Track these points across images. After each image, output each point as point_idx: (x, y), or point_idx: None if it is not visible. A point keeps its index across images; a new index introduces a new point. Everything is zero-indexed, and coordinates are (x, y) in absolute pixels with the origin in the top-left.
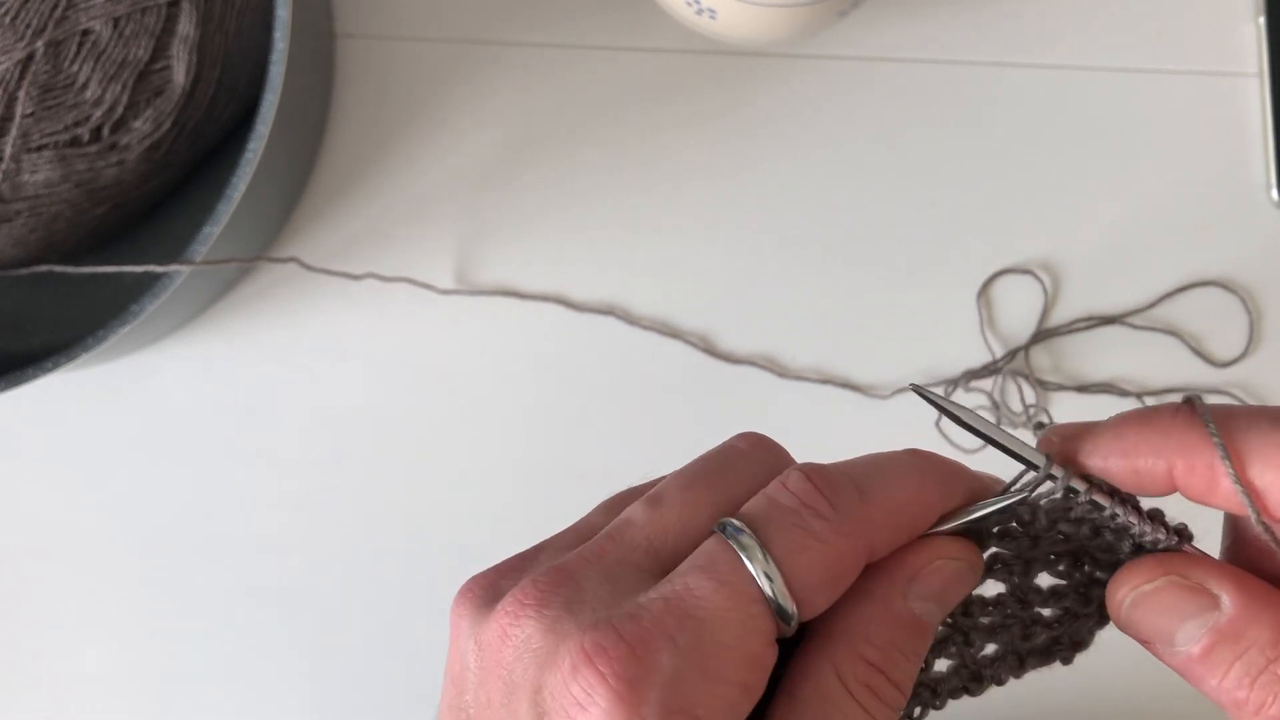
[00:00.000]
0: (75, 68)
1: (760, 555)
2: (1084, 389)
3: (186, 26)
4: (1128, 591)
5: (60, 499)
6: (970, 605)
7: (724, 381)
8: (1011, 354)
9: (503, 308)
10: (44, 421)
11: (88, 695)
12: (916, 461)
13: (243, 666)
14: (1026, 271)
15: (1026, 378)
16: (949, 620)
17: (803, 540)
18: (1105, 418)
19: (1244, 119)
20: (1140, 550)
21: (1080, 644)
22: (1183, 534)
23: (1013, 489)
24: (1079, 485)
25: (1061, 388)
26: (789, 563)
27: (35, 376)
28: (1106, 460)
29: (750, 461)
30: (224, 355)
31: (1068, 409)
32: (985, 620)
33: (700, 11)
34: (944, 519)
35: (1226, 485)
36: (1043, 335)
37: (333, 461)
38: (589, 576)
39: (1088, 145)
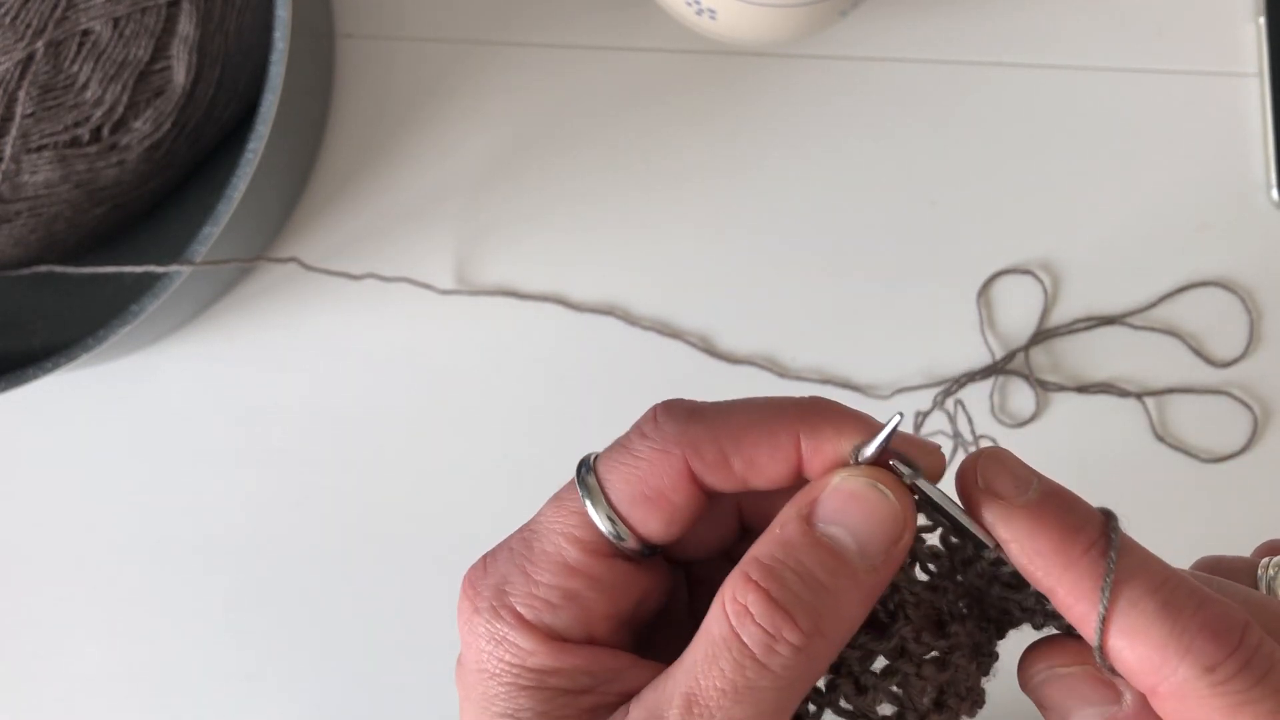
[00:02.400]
0: (75, 68)
1: (590, 478)
2: (1084, 389)
3: (186, 26)
4: (1043, 668)
5: (60, 499)
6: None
7: (724, 381)
8: (1011, 355)
9: (503, 308)
10: (44, 421)
11: (88, 695)
12: (777, 398)
13: (243, 666)
14: (1026, 271)
15: (1026, 378)
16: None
17: (620, 458)
18: (1037, 480)
19: (1244, 119)
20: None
21: (979, 699)
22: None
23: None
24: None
25: (1061, 388)
26: (605, 479)
27: (35, 376)
28: (1008, 542)
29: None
30: (224, 355)
31: (1069, 409)
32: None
33: (700, 11)
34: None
35: (1089, 634)
36: (1043, 335)
37: (333, 461)
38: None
39: (1087, 145)
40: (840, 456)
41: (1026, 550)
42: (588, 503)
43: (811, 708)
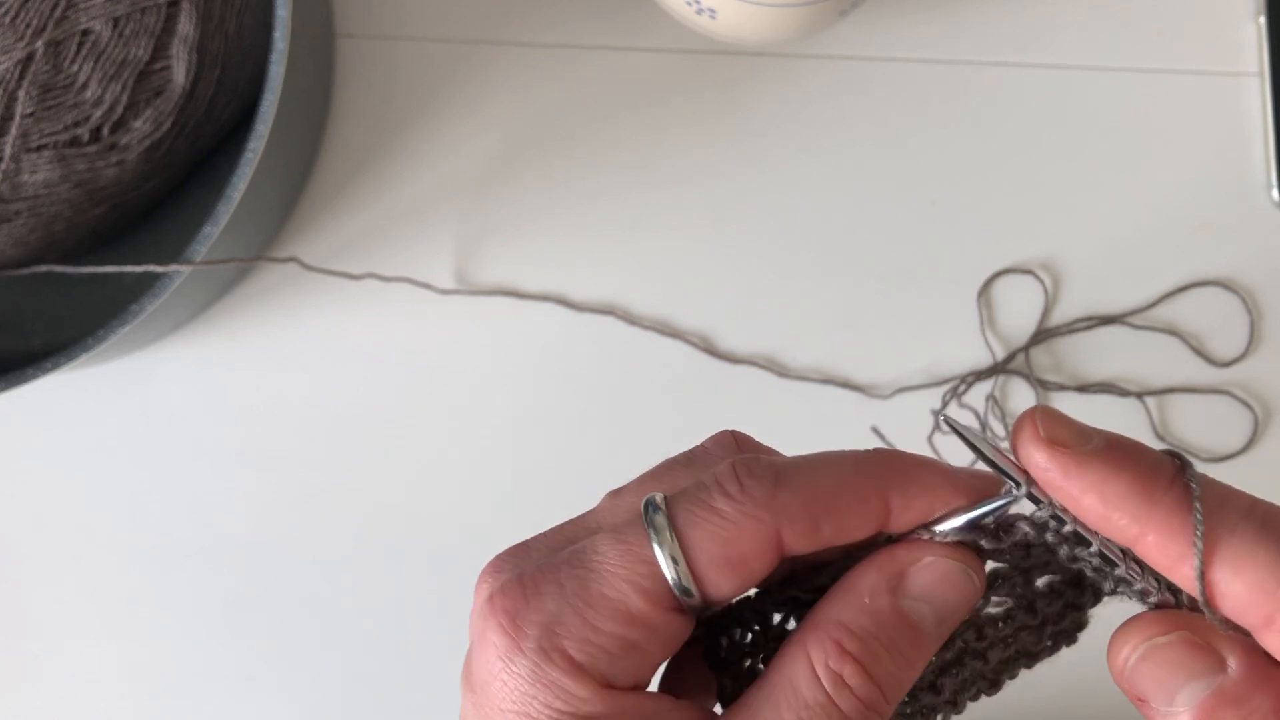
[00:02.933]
0: (75, 68)
1: (661, 523)
2: (1084, 389)
3: (186, 26)
4: (1138, 642)
5: (60, 499)
6: (983, 627)
7: (724, 381)
8: (1011, 355)
9: (503, 308)
10: (44, 421)
11: (88, 695)
12: (857, 454)
13: (243, 666)
14: (1027, 271)
15: (1027, 377)
16: (961, 643)
17: (704, 515)
18: (1098, 432)
19: (1244, 119)
20: (1105, 580)
21: (1080, 627)
22: (1178, 593)
23: (989, 502)
24: (1063, 516)
25: (1062, 388)
26: (686, 534)
27: (35, 376)
28: (1083, 495)
29: (710, 457)
30: (224, 355)
31: (1069, 409)
32: (997, 637)
33: (700, 11)
34: (934, 527)
35: (1187, 576)
36: (1043, 335)
37: (332, 461)
38: (538, 548)
39: (1088, 145)
40: (930, 515)
41: (1107, 496)
42: (660, 555)
43: None
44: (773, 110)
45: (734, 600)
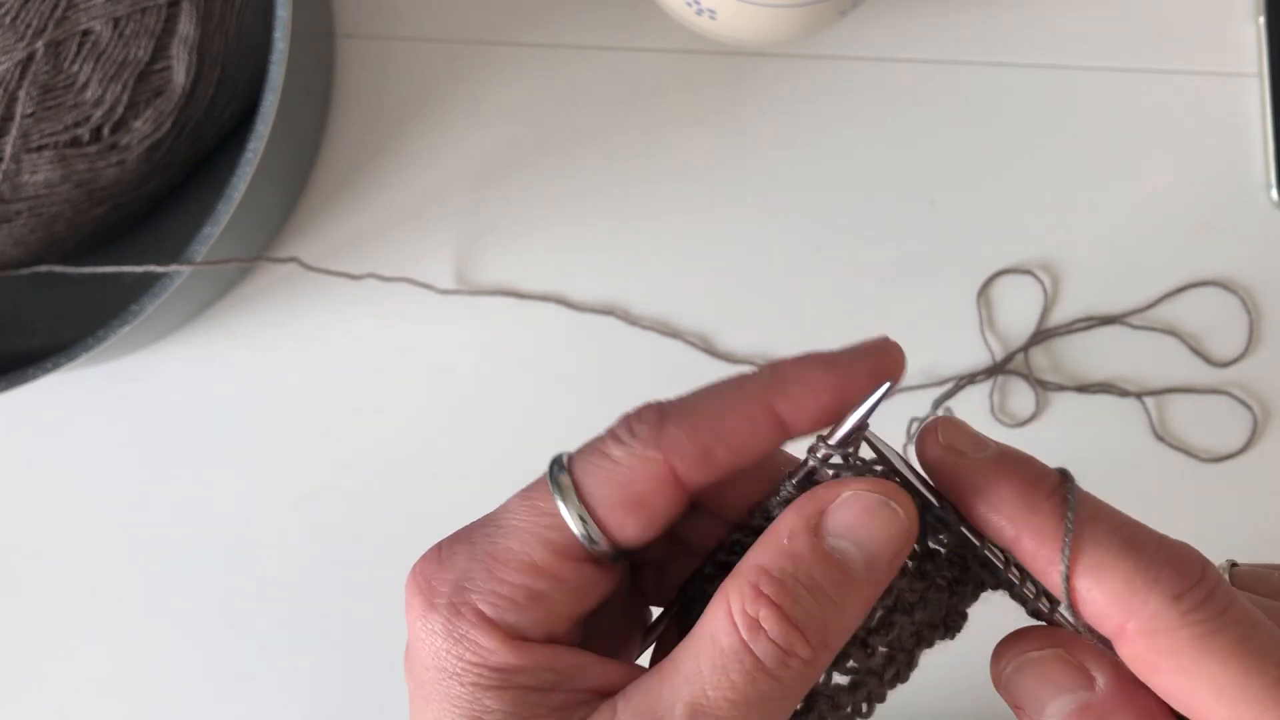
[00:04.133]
0: (75, 68)
1: (565, 481)
2: (1084, 389)
3: (186, 27)
4: (1015, 655)
5: (60, 499)
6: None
7: None
8: (1011, 355)
9: (503, 308)
10: (44, 421)
11: (88, 695)
12: (741, 375)
13: (243, 666)
14: (1026, 272)
15: (1026, 378)
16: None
17: (597, 461)
18: (994, 444)
19: (1244, 119)
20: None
21: (956, 624)
22: (1054, 602)
23: (872, 395)
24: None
25: (1061, 388)
26: (583, 482)
27: (35, 376)
28: (969, 496)
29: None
30: (224, 355)
31: (1069, 409)
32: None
33: (700, 11)
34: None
35: (1055, 582)
36: (1042, 335)
37: (332, 461)
38: (470, 525)
39: (1088, 145)
40: (822, 410)
41: (990, 500)
42: (561, 505)
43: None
44: (772, 110)
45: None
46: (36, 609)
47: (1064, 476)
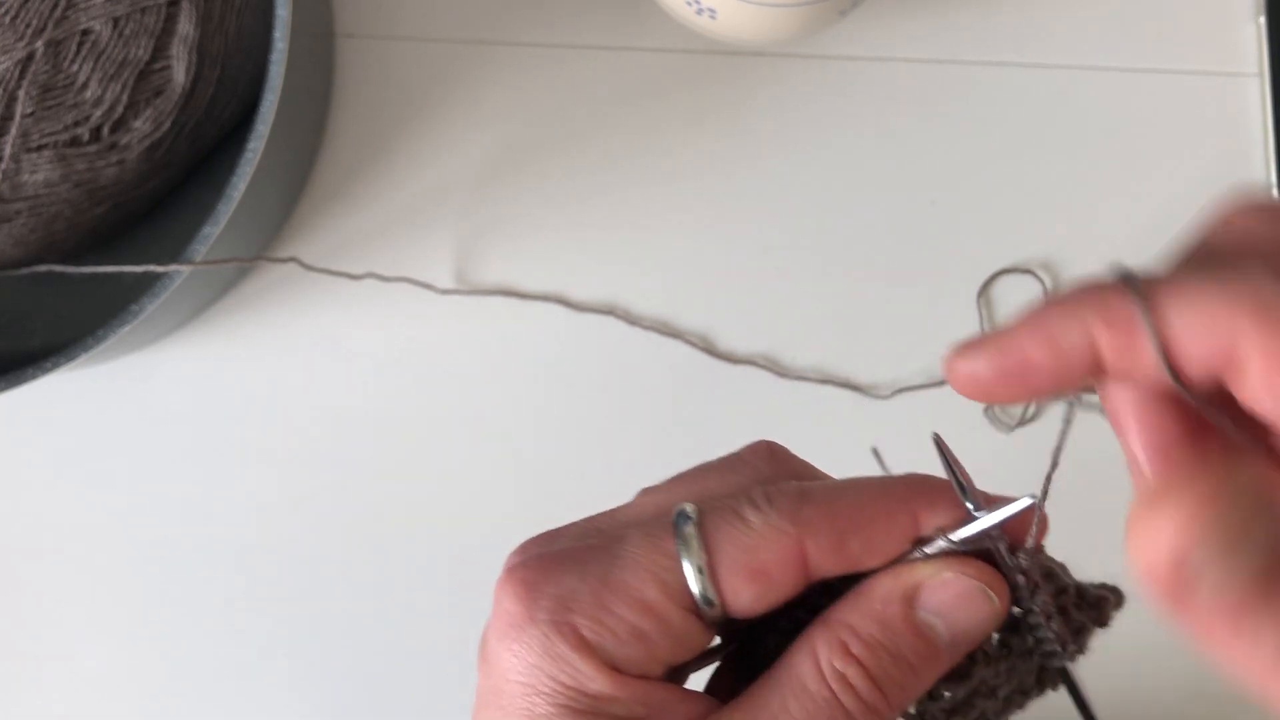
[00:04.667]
0: (75, 67)
1: (690, 532)
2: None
3: (186, 26)
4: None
5: (60, 499)
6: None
7: (724, 381)
8: None
9: (503, 308)
10: (44, 421)
11: (88, 695)
12: (886, 477)
13: (243, 667)
14: (1027, 271)
15: None
16: (920, 710)
17: (730, 521)
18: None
19: (1244, 119)
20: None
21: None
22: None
23: (998, 509)
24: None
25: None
26: (711, 538)
27: (35, 376)
28: (1025, 356)
29: (743, 464)
30: (224, 355)
31: (1059, 406)
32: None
33: (700, 11)
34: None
35: (1146, 352)
36: None
37: (332, 461)
38: (567, 534)
39: (1088, 145)
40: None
41: (1044, 335)
42: (685, 558)
43: None
44: (773, 110)
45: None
46: (36, 609)
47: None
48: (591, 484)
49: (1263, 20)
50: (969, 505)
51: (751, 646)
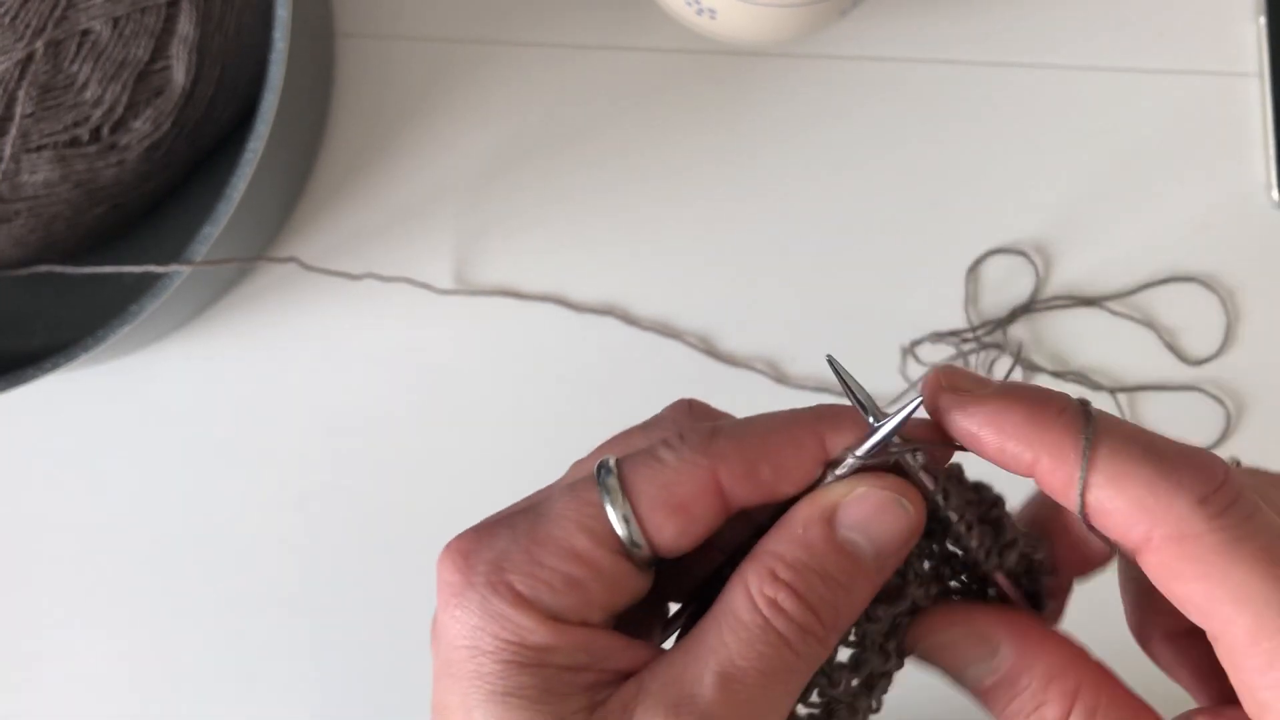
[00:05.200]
0: (75, 68)
1: (613, 483)
2: (1059, 374)
3: (186, 26)
4: (922, 635)
5: (60, 499)
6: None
7: (724, 382)
8: (991, 328)
9: (502, 308)
10: (44, 421)
11: (88, 695)
12: (795, 409)
13: (243, 667)
14: (1020, 252)
15: (1001, 347)
16: (860, 635)
17: (646, 462)
18: (995, 381)
19: (1244, 119)
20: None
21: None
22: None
23: (890, 420)
24: (916, 461)
25: (1038, 368)
26: (630, 481)
27: (35, 376)
28: (981, 429)
29: (664, 421)
30: (224, 355)
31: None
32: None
33: (700, 11)
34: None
35: (1073, 499)
36: (1019, 312)
37: (332, 461)
38: (503, 511)
39: (1088, 146)
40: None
41: (1002, 427)
42: (607, 503)
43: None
44: (772, 110)
45: (699, 567)
46: (36, 609)
47: (1078, 401)
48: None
49: (1263, 20)
50: (870, 420)
51: (705, 606)
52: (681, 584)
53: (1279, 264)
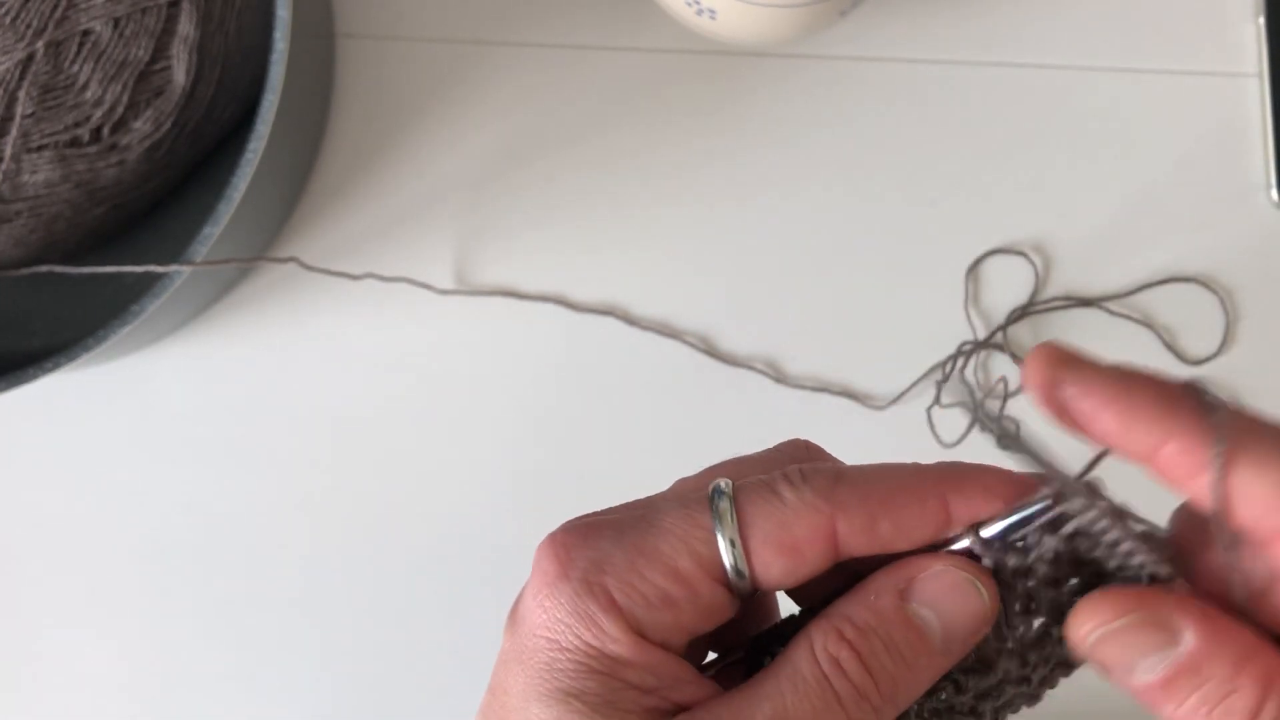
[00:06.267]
0: (75, 68)
1: (725, 507)
2: None
3: (186, 27)
4: (1092, 628)
5: (60, 499)
6: (1025, 651)
7: (725, 382)
8: (991, 333)
9: (503, 308)
10: (44, 421)
11: (87, 695)
12: (920, 464)
13: (243, 667)
14: (1019, 252)
15: (1001, 348)
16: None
17: (765, 497)
18: (1107, 361)
19: (1244, 119)
20: (1107, 574)
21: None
22: (1172, 569)
23: (1032, 503)
24: (1094, 512)
25: None
26: (745, 511)
27: (35, 376)
28: (1100, 411)
29: (779, 455)
30: (224, 355)
31: None
32: (1040, 657)
33: (700, 11)
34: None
35: (1199, 486)
36: (1017, 314)
37: (332, 461)
38: (610, 511)
39: (1087, 145)
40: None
41: (1126, 408)
42: (719, 531)
43: None
44: (772, 110)
45: (775, 622)
46: (37, 609)
47: (1194, 384)
48: (592, 484)
49: (1262, 20)
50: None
51: (759, 656)
52: (727, 632)
53: (1279, 264)
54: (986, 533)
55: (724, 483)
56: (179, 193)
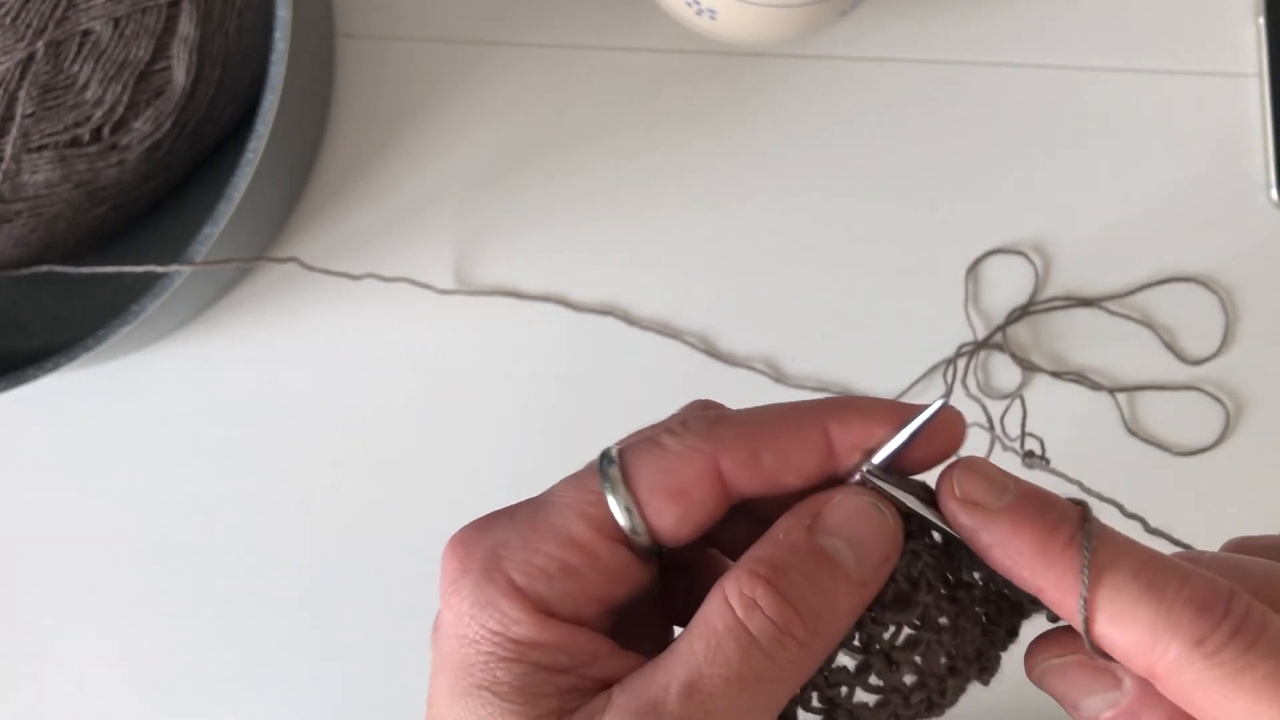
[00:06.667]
0: (75, 68)
1: (615, 473)
2: (1058, 374)
3: (187, 27)
4: (1041, 660)
5: (60, 499)
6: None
7: (725, 382)
8: (991, 333)
9: (502, 308)
10: (44, 421)
11: (87, 695)
12: (801, 400)
13: (243, 666)
14: (1019, 252)
15: (1000, 347)
16: (865, 639)
17: (647, 449)
18: (1012, 485)
19: (1244, 119)
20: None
21: (991, 668)
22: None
23: (917, 420)
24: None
25: (1038, 369)
26: (630, 465)
27: (35, 376)
28: (989, 550)
29: (675, 417)
30: (224, 355)
31: (1043, 391)
32: (906, 632)
33: (700, 11)
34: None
35: (1080, 629)
36: (1017, 314)
37: (332, 461)
38: (515, 505)
39: (1087, 145)
40: (872, 442)
41: (1009, 553)
42: (607, 489)
43: (806, 706)
44: (772, 110)
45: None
46: (37, 608)
47: (1083, 513)
48: None
49: (1262, 20)
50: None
51: None
52: (691, 600)
53: (1278, 264)
54: (877, 458)
55: (612, 448)
56: (179, 193)
